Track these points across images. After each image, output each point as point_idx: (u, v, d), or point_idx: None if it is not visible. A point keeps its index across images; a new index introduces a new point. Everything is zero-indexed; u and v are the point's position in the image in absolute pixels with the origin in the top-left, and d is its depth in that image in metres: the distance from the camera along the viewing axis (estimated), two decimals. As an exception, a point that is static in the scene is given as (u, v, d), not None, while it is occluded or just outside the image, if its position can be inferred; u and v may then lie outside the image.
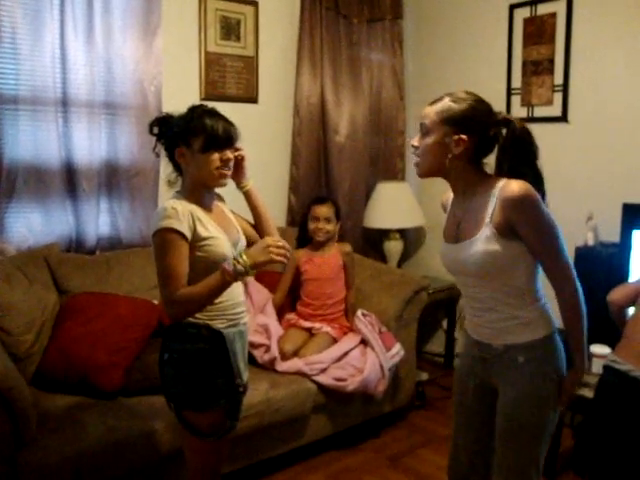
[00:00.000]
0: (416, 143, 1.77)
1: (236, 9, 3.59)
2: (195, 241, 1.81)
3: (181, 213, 1.78)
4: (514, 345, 1.75)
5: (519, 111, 3.65)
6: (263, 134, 3.79)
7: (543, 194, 1.71)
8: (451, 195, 1.88)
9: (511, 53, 3.71)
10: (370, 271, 3.53)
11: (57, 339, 2.64)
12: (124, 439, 2.29)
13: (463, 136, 1.69)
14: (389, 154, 4.25)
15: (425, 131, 1.74)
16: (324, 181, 4.01)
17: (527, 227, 1.66)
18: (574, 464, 2.96)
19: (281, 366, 2.91)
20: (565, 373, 1.79)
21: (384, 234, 4.09)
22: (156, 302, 2.85)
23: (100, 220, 3.13)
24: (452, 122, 1.70)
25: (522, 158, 1.72)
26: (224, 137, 1.85)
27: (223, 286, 1.78)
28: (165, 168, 2.03)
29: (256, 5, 3.67)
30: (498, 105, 1.81)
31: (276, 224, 3.74)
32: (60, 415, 2.36)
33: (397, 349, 3.14)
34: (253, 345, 2.94)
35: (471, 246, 1.71)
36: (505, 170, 1.72)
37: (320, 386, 2.89)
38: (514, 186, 1.64)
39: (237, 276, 1.76)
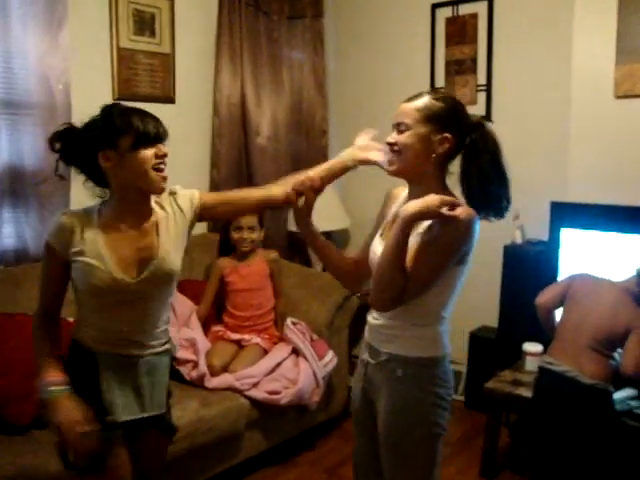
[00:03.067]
0: (392, 140, 1.64)
1: (150, 2, 3.35)
2: (70, 257, 1.65)
3: (61, 226, 1.65)
4: (398, 356, 1.66)
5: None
6: (181, 135, 3.48)
7: (508, 200, 1.64)
8: (404, 194, 1.76)
9: (434, 53, 3.69)
10: (298, 277, 3.41)
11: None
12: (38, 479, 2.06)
13: (448, 134, 1.60)
14: (312, 155, 4.12)
15: (404, 129, 1.62)
16: (246, 184, 3.84)
17: (432, 234, 1.56)
18: (511, 463, 2.96)
19: (211, 382, 2.74)
20: (448, 405, 1.69)
21: (309, 237, 3.97)
22: (71, 319, 2.60)
23: (3, 232, 2.83)
24: (436, 119, 1.60)
25: (491, 164, 1.62)
26: (155, 131, 1.66)
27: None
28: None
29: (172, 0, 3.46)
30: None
31: (195, 230, 3.63)
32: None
33: (330, 357, 3.05)
34: (179, 361, 2.76)
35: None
36: (474, 177, 1.61)
37: (253, 401, 2.74)
38: (464, 211, 1.54)
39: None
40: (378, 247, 1.69)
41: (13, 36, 2.79)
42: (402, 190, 1.77)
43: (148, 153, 1.63)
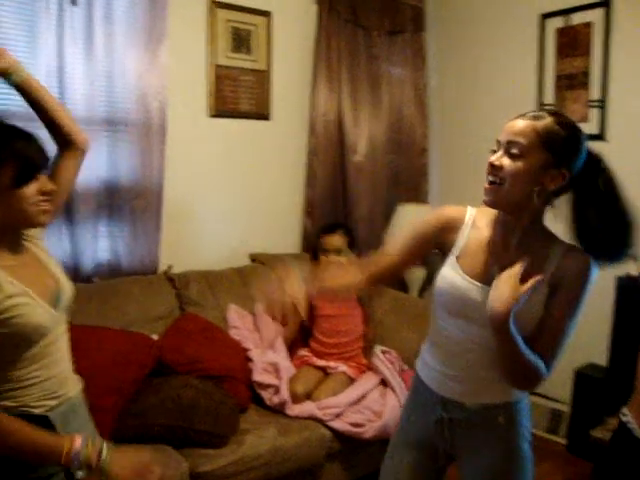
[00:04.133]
0: (498, 163, 1.41)
1: (247, 20, 3.36)
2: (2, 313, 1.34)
3: None
4: (492, 405, 1.54)
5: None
6: (275, 153, 3.54)
7: (631, 244, 1.42)
8: (468, 217, 1.58)
9: (542, 66, 3.45)
10: (390, 303, 3.25)
11: (44, 378, 2.39)
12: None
13: (565, 171, 1.40)
14: (411, 174, 3.98)
15: (517, 152, 1.39)
16: (341, 204, 3.75)
17: (566, 296, 1.41)
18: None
19: (292, 410, 2.63)
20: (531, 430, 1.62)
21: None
22: (155, 337, 2.60)
23: (99, 245, 2.89)
24: (556, 149, 1.38)
25: (612, 208, 1.41)
26: (41, 163, 1.42)
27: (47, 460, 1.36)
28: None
29: (269, 16, 3.43)
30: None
31: (290, 250, 3.61)
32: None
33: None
34: (261, 386, 2.67)
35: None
36: (591, 223, 1.42)
37: (334, 432, 2.61)
38: (585, 257, 1.41)
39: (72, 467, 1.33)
40: (454, 278, 1.52)
41: (115, 57, 2.86)
42: (462, 212, 1.60)
43: (31, 190, 1.38)
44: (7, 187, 1.35)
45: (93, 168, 2.82)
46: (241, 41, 3.37)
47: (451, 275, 1.53)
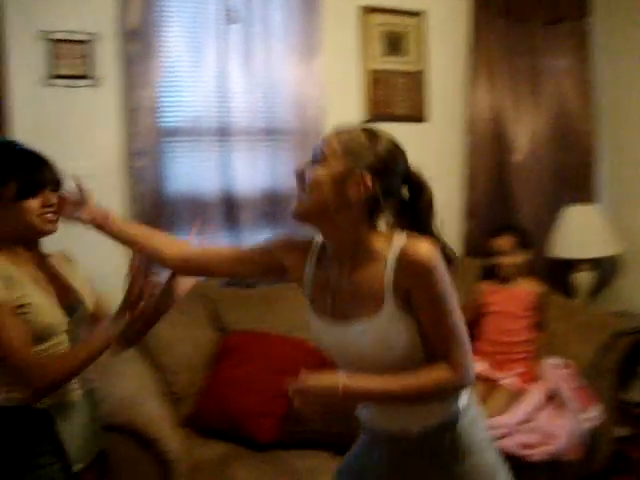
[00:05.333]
0: (299, 171, 1.39)
1: (400, 21, 3.33)
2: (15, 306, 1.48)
3: None
4: (435, 426, 1.40)
5: None
6: (432, 155, 3.44)
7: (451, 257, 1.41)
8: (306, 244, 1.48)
9: None
10: (558, 309, 3.05)
11: (214, 380, 2.51)
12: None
13: (368, 176, 1.32)
14: (577, 173, 3.71)
15: (319, 159, 1.36)
16: (503, 205, 3.58)
17: (424, 298, 1.31)
18: None
19: None
20: (489, 437, 1.50)
21: (572, 265, 3.55)
22: (315, 342, 2.63)
23: (260, 253, 2.99)
24: (355, 155, 1.33)
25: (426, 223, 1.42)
26: (41, 180, 1.54)
27: (102, 351, 1.53)
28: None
29: (421, 16, 3.38)
30: None
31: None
32: (211, 466, 2.21)
33: (597, 411, 2.62)
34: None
35: (369, 329, 1.34)
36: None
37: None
38: (421, 251, 1.30)
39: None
40: (323, 328, 1.43)
41: (274, 68, 2.96)
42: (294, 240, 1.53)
43: (33, 204, 1.53)
44: (11, 200, 1.51)
45: (254, 177, 2.93)
46: (394, 43, 3.34)
47: (312, 320, 1.46)
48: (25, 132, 2.67)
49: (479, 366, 2.82)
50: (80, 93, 2.75)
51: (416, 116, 3.41)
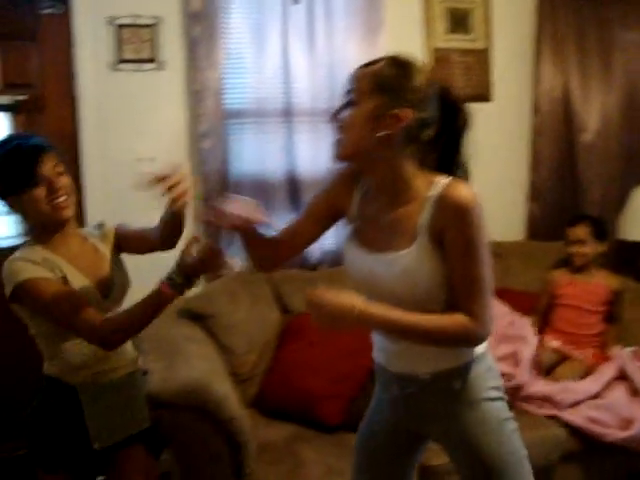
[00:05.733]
0: (336, 115, 1.39)
1: (464, -2, 3.24)
2: None
3: (29, 261, 1.54)
4: (445, 371, 1.41)
5: None
6: (496, 135, 3.37)
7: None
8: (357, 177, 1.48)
9: None
10: (629, 294, 2.95)
11: (279, 362, 2.52)
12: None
13: (405, 111, 1.30)
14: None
15: (353, 99, 1.35)
16: (570, 187, 3.46)
17: (458, 241, 1.31)
18: None
19: (527, 390, 2.50)
20: (501, 388, 1.48)
21: (643, 248, 3.43)
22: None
23: (324, 234, 2.97)
24: (389, 90, 1.31)
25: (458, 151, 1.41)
26: (35, 169, 1.54)
27: (160, 307, 1.54)
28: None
29: (487, -8, 3.28)
30: None
31: (513, 237, 3.43)
32: (278, 446, 2.22)
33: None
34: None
35: (398, 261, 1.35)
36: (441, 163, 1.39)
37: (571, 428, 2.41)
38: (463, 192, 1.31)
39: (175, 294, 1.52)
40: (357, 256, 1.44)
41: (336, 47, 2.92)
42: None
43: (39, 192, 1.55)
44: (16, 194, 1.55)
45: (317, 159, 2.91)
46: (458, 21, 3.26)
47: (349, 251, 1.46)
48: (92, 116, 2.73)
49: (553, 342, 2.76)
50: (146, 76, 2.78)
51: (481, 95, 3.32)
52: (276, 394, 2.44)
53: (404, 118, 1.30)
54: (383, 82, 1.32)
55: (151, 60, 2.77)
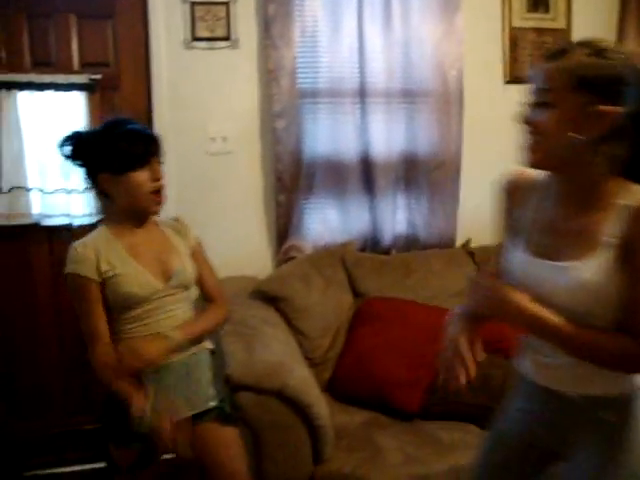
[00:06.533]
0: (531, 118, 1.23)
1: (547, -25, 3.10)
2: (102, 279, 1.66)
3: (82, 253, 1.65)
4: (596, 396, 1.28)
5: None
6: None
7: None
8: (532, 182, 1.36)
9: None
10: None
11: (352, 346, 2.48)
12: (425, 474, 2.01)
13: (612, 107, 1.14)
14: None
15: (550, 100, 1.19)
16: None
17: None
18: None
19: None
20: None
21: None
22: (457, 312, 2.54)
23: (397, 217, 2.92)
24: (594, 85, 1.16)
25: None
26: (143, 152, 1.66)
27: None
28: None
29: (569, -32, 3.13)
30: None
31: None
32: (355, 432, 2.19)
33: None
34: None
35: (575, 271, 1.22)
36: None
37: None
38: None
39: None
40: (525, 262, 1.31)
41: (412, 26, 2.83)
42: (526, 174, 1.36)
43: (141, 176, 1.64)
44: (121, 174, 1.64)
45: (391, 140, 2.84)
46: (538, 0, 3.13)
47: (516, 256, 1.34)
48: (166, 94, 2.72)
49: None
50: (219, 55, 2.75)
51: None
52: (350, 379, 2.40)
53: (611, 115, 1.15)
54: (585, 76, 1.16)
55: (225, 38, 2.73)
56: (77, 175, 2.22)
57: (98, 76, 2.63)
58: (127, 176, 1.65)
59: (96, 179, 1.70)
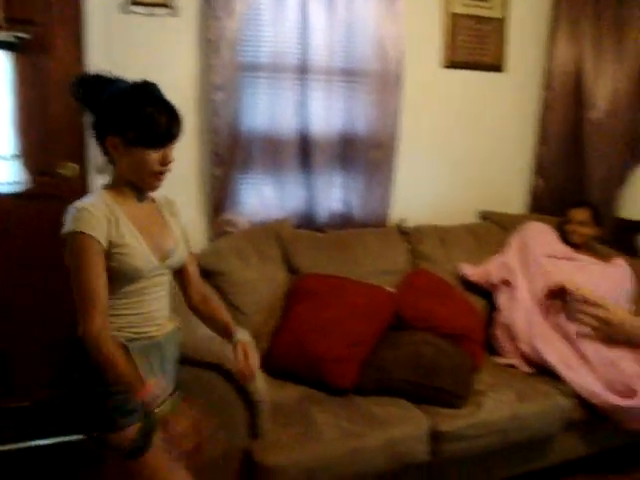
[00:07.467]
0: None
1: (486, -36, 3.16)
2: (108, 247, 1.53)
3: (95, 216, 1.51)
4: None
5: None
6: (507, 106, 3.35)
7: None
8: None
9: None
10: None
11: (287, 322, 2.48)
12: (361, 448, 2.05)
13: None
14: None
15: None
16: (575, 163, 3.47)
17: None
18: None
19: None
20: None
21: (638, 226, 3.46)
22: (392, 290, 2.59)
23: (333, 195, 2.93)
24: None
25: None
26: (165, 132, 1.54)
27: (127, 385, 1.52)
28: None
29: (508, -41, 3.21)
30: None
31: (516, 209, 3.44)
32: (290, 408, 2.19)
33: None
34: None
35: None
36: None
37: (578, 398, 2.46)
38: None
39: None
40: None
41: (355, 6, 2.83)
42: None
43: (153, 156, 1.54)
44: (133, 145, 1.52)
45: (330, 119, 2.84)
46: (478, -13, 3.19)
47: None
48: (101, 61, 2.60)
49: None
50: (159, 22, 2.65)
51: (494, 65, 3.28)
52: (285, 355, 2.40)
53: None
54: None
55: (165, 5, 2.64)
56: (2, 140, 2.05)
57: (26, 35, 2.49)
58: (138, 150, 1.53)
59: (105, 138, 1.56)
